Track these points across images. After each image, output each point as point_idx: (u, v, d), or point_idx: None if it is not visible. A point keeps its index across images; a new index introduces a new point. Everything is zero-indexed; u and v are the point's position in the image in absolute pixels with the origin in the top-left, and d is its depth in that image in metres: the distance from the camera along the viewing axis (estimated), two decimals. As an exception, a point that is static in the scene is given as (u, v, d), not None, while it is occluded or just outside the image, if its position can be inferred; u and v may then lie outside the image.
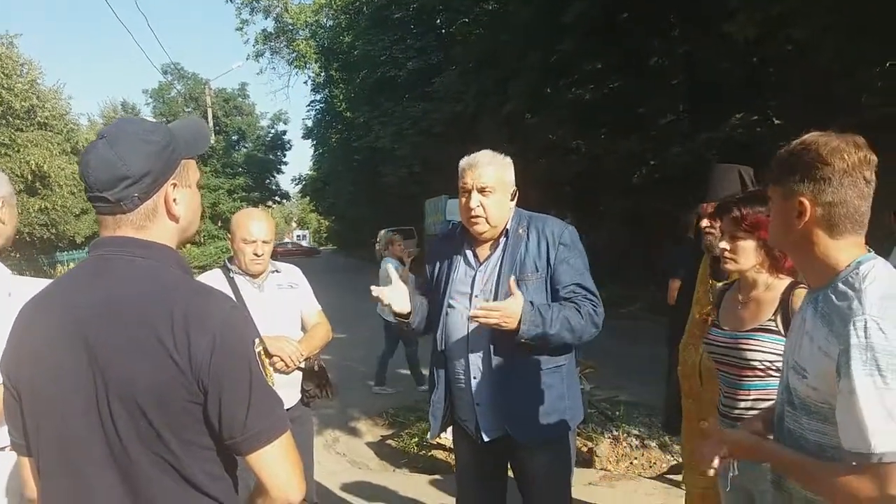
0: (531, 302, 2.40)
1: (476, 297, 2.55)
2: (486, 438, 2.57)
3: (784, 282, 2.18)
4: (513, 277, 2.45)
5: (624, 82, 16.12)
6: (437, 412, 2.68)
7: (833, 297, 1.45)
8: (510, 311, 2.32)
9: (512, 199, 2.60)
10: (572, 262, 2.52)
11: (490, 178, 2.51)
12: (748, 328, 2.20)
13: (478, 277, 2.59)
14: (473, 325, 2.49)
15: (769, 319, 2.16)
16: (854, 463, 1.33)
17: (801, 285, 2.10)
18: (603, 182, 17.65)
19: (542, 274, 2.52)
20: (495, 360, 2.49)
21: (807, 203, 1.45)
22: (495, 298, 2.48)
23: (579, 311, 2.45)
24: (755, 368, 2.15)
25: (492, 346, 2.49)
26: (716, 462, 1.64)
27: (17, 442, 1.42)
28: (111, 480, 1.28)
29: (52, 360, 1.30)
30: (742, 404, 2.19)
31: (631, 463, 4.84)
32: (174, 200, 1.38)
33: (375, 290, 2.52)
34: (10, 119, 24.56)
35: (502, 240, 2.59)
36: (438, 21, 28.35)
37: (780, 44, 10.39)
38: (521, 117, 18.87)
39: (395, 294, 2.57)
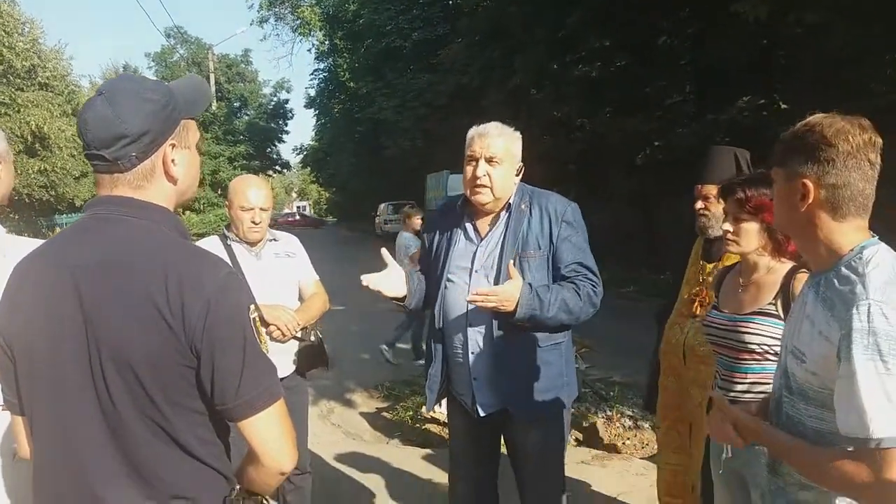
0: (529, 284, 2.38)
1: (476, 272, 2.52)
2: (482, 413, 2.56)
3: (786, 266, 2.16)
4: (511, 260, 2.44)
5: (631, 61, 15.97)
6: (434, 386, 2.67)
7: (835, 281, 1.43)
8: (507, 295, 2.32)
9: (517, 174, 2.57)
10: (574, 241, 2.50)
11: (499, 148, 2.48)
12: (748, 311, 2.19)
13: (478, 252, 2.56)
14: None
15: (769, 303, 2.14)
16: (851, 448, 1.32)
17: (803, 270, 2.08)
18: (607, 161, 17.57)
19: (545, 251, 2.49)
20: (495, 336, 2.48)
21: (810, 185, 1.43)
22: (497, 274, 2.47)
23: (578, 293, 2.43)
24: (753, 352, 2.14)
25: (493, 322, 2.47)
26: (738, 440, 1.66)
27: (10, 400, 1.41)
28: (102, 441, 1.28)
29: (46, 319, 1.28)
30: (738, 387, 2.19)
31: (623, 443, 4.86)
32: (172, 161, 1.36)
33: (365, 279, 2.50)
34: (11, 78, 24.33)
35: (503, 215, 2.56)
36: (446, -9, 28.03)
37: (791, 27, 10.27)
38: (527, 92, 18.73)
39: (390, 279, 2.55)
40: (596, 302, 2.48)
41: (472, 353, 2.54)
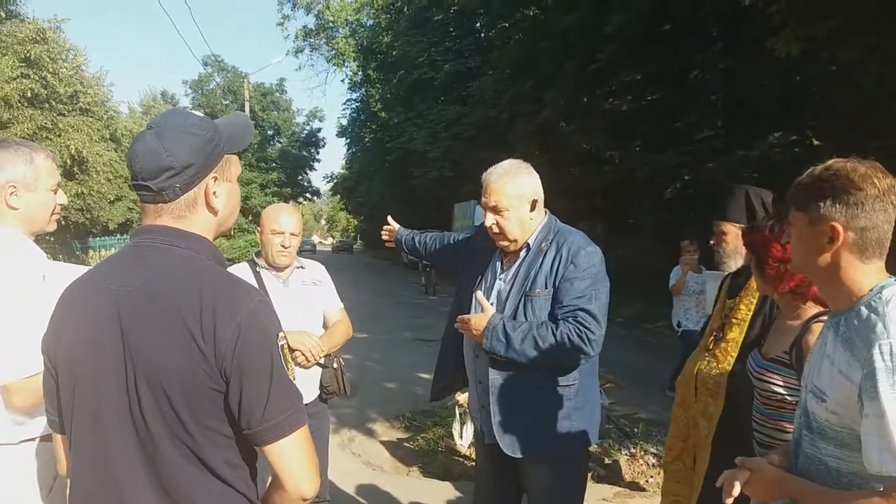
0: (502, 318, 2.42)
1: (493, 304, 2.55)
2: (486, 441, 2.60)
3: (810, 311, 2.12)
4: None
5: (662, 95, 15.99)
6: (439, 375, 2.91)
7: (855, 320, 1.45)
8: (475, 325, 2.43)
9: (533, 209, 2.53)
10: (575, 284, 2.41)
11: (501, 195, 2.48)
12: (768, 357, 2.18)
13: (495, 286, 2.61)
14: None
15: (784, 352, 2.12)
16: (881, 487, 1.32)
17: (820, 319, 2.05)
18: (635, 195, 17.51)
19: (551, 291, 2.45)
20: (494, 368, 2.49)
21: (839, 228, 1.44)
22: (500, 311, 2.50)
23: (555, 333, 2.35)
24: (768, 398, 2.14)
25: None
26: (736, 489, 1.61)
27: (52, 419, 1.48)
28: (135, 458, 1.32)
29: (88, 340, 1.35)
30: (762, 428, 2.17)
31: (647, 481, 4.77)
32: (214, 193, 1.42)
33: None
34: (54, 103, 25.11)
35: (523, 253, 2.57)
36: (478, 25, 28.48)
37: (824, 64, 10.22)
38: (556, 125, 18.81)
39: None
40: (582, 347, 2.35)
41: (480, 381, 2.59)
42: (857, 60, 8.93)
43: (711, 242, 2.97)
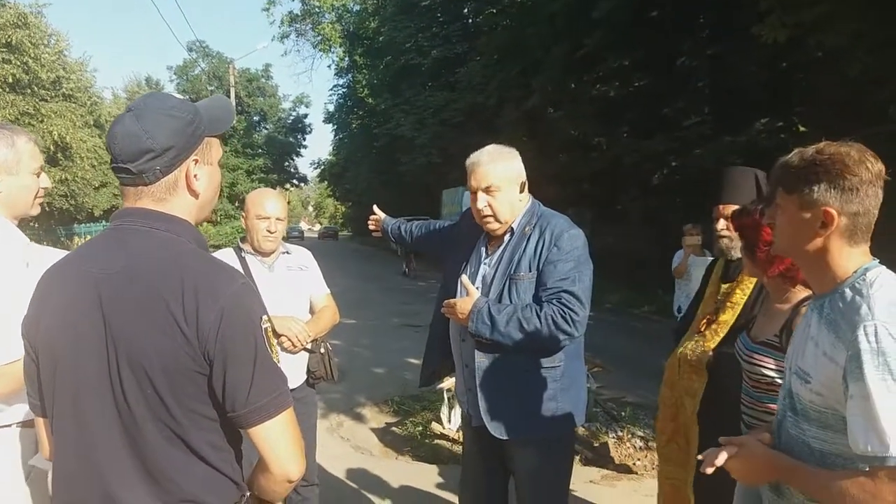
0: (488, 301, 2.44)
1: (478, 288, 2.57)
2: (473, 424, 2.63)
3: (799, 294, 2.13)
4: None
5: (649, 81, 15.99)
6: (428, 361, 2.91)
7: (840, 303, 1.45)
8: (461, 308, 2.46)
9: (521, 191, 2.57)
10: (559, 266, 2.43)
11: (493, 176, 2.50)
12: (758, 341, 2.18)
13: (480, 270, 2.62)
14: None
15: (775, 335, 2.13)
16: (867, 467, 1.33)
17: (808, 303, 2.06)
18: (623, 181, 17.54)
19: (535, 274, 2.47)
20: (480, 351, 2.51)
21: (834, 213, 1.44)
22: (485, 295, 2.52)
23: (539, 315, 2.37)
24: (759, 382, 2.14)
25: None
26: (720, 459, 1.61)
27: (34, 403, 1.47)
28: (118, 442, 1.32)
29: (69, 323, 1.33)
30: (752, 412, 2.18)
31: (634, 463, 4.82)
32: (195, 176, 1.41)
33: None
34: (36, 89, 24.73)
35: (507, 237, 2.59)
36: (465, 10, 28.30)
37: (810, 50, 10.26)
38: (544, 111, 18.79)
39: None
40: (566, 329, 2.38)
41: (466, 365, 2.61)
42: (843, 48, 8.96)
43: (720, 226, 2.82)
